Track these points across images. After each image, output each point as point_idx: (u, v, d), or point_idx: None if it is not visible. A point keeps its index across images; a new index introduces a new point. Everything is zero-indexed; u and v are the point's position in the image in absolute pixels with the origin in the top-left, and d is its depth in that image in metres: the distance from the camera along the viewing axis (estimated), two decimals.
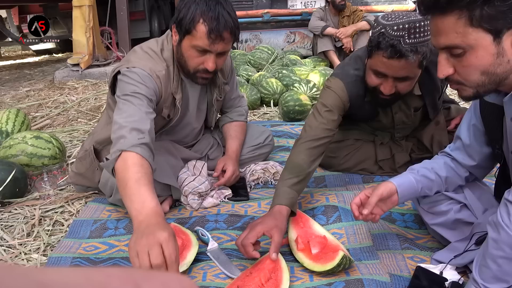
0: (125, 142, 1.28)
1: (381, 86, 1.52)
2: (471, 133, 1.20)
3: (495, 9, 0.83)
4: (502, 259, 0.96)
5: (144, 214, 1.10)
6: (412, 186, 1.21)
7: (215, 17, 1.38)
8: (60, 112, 3.30)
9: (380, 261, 1.28)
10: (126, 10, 5.00)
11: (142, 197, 1.14)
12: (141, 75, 1.45)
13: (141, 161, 1.25)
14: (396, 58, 1.38)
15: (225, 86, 1.80)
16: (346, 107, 1.65)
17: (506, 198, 0.95)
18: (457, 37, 0.88)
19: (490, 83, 0.92)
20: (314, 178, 1.92)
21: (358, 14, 4.42)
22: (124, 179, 1.21)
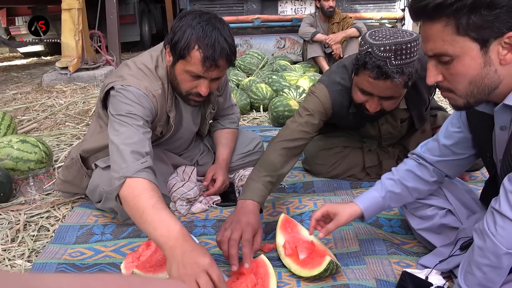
0: (128, 168, 1.25)
1: (366, 104, 1.54)
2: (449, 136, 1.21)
3: (482, 18, 0.84)
4: (487, 267, 0.97)
5: (173, 239, 1.08)
6: (378, 205, 1.25)
7: (211, 44, 1.33)
8: (48, 115, 3.26)
9: (367, 266, 1.29)
10: (116, 13, 4.97)
11: (165, 222, 1.11)
12: (137, 94, 1.40)
13: (150, 186, 1.23)
14: (382, 79, 1.40)
15: (219, 98, 1.78)
16: (328, 114, 1.66)
17: (492, 207, 0.97)
18: (444, 45, 0.90)
19: (479, 93, 0.93)
20: (302, 183, 1.93)
21: (348, 21, 4.47)
22: (138, 207, 1.18)
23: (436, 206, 1.32)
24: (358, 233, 1.46)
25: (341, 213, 1.22)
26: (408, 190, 1.27)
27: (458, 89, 0.94)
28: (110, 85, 1.45)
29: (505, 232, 0.93)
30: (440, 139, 1.22)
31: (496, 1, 0.81)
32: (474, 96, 0.94)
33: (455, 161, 1.23)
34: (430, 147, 1.25)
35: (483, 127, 1.08)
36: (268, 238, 1.49)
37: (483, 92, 0.93)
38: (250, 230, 1.26)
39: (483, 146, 1.13)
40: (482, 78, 0.90)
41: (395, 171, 1.30)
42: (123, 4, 7.11)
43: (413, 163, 1.29)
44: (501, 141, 1.02)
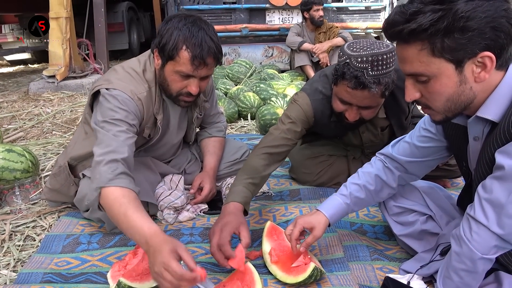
0: (100, 178, 1.29)
1: (346, 113, 1.59)
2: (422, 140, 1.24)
3: (455, 41, 0.88)
4: (464, 271, 1.01)
5: (144, 243, 1.13)
6: (343, 211, 1.31)
7: (198, 43, 1.38)
8: (34, 124, 3.24)
9: (351, 272, 1.32)
10: (104, 22, 4.98)
11: (137, 228, 1.16)
12: (122, 98, 1.43)
13: (121, 193, 1.26)
14: (360, 89, 1.45)
15: (205, 104, 1.81)
16: (310, 123, 1.71)
17: (468, 213, 1.01)
18: (421, 66, 0.93)
19: (456, 108, 0.98)
20: (289, 191, 1.96)
21: (334, 31, 4.56)
22: (114, 217, 1.24)
23: (417, 212, 1.36)
24: (343, 240, 1.49)
25: (317, 226, 1.26)
26: (371, 194, 1.32)
27: (436, 106, 0.98)
28: (96, 88, 1.48)
29: (480, 238, 0.96)
30: (414, 141, 1.26)
31: (468, 25, 0.85)
32: (451, 111, 0.99)
33: (424, 162, 1.27)
34: (401, 148, 1.29)
35: (459, 137, 1.13)
36: (254, 246, 1.51)
37: (459, 107, 0.97)
38: (227, 229, 1.29)
39: (459, 155, 1.18)
40: (459, 95, 0.95)
41: (361, 174, 1.34)
42: (112, 12, 7.11)
43: (380, 165, 1.33)
44: (475, 151, 1.06)
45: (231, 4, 5.31)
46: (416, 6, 0.89)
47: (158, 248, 1.08)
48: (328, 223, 1.29)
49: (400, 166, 1.30)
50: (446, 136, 1.20)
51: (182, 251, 1.07)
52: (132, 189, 1.29)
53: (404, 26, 0.90)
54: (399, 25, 0.91)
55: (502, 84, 0.94)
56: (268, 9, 5.34)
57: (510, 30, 0.88)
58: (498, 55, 0.89)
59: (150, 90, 1.53)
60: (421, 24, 0.87)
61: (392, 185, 1.32)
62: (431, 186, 1.41)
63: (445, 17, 0.86)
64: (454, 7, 0.85)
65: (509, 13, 0.87)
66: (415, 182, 1.40)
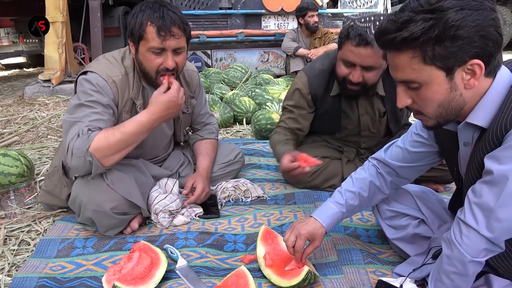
0: (81, 147, 1.41)
1: (349, 75, 1.67)
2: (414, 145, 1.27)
3: (446, 50, 0.90)
4: (455, 274, 1.03)
5: (146, 116, 1.49)
6: (338, 219, 1.33)
7: (160, 16, 1.47)
8: (30, 128, 3.24)
9: (344, 275, 1.33)
10: (100, 26, 4.99)
11: (136, 119, 1.49)
12: (96, 81, 1.52)
13: (103, 131, 1.44)
14: (363, 45, 1.55)
15: (192, 100, 1.86)
16: (308, 101, 1.88)
17: (458, 217, 1.03)
18: (412, 73, 0.95)
19: (447, 114, 1.00)
20: (284, 195, 1.98)
21: (329, 36, 4.60)
22: (114, 138, 1.44)
23: (410, 216, 1.38)
24: (336, 244, 1.51)
25: (319, 237, 1.29)
26: (364, 201, 1.35)
27: (428, 112, 1.01)
28: (78, 76, 1.58)
29: (470, 241, 0.98)
30: (406, 146, 1.28)
31: (458, 34, 0.87)
32: (443, 117, 1.01)
33: (416, 167, 1.29)
34: (393, 153, 1.31)
35: (449, 142, 1.15)
36: (249, 250, 1.52)
37: (451, 113, 1.00)
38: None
39: (450, 160, 1.20)
40: (449, 101, 0.97)
41: (355, 180, 1.35)
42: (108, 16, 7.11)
43: (373, 171, 1.35)
44: (465, 156, 1.08)
45: (227, 10, 5.35)
46: (408, 14, 0.91)
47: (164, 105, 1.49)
48: (326, 232, 1.31)
49: (392, 171, 1.32)
50: (438, 141, 1.22)
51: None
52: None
53: (396, 35, 0.92)
54: (391, 33, 0.93)
55: (490, 90, 0.96)
56: (263, 14, 5.39)
57: (498, 38, 0.90)
58: (486, 62, 0.91)
59: (127, 75, 1.61)
60: (413, 32, 0.89)
61: (385, 191, 1.35)
62: (424, 190, 1.43)
63: (436, 25, 0.88)
64: (445, 16, 0.87)
65: (496, 22, 0.89)
66: (408, 187, 1.42)
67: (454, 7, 0.86)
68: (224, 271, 1.37)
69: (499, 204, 0.93)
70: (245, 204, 1.91)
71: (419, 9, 0.90)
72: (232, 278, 1.26)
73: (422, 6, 0.89)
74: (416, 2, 0.90)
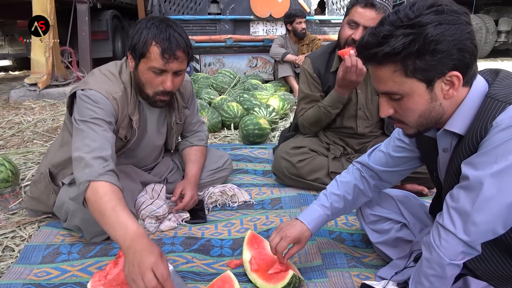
0: (91, 172, 1.32)
1: (353, 35, 1.87)
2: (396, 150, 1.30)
3: (426, 63, 0.93)
4: (434, 277, 1.06)
5: (129, 239, 1.16)
6: (323, 222, 1.35)
7: (166, 38, 1.45)
8: (15, 133, 3.20)
9: (329, 279, 1.35)
10: (87, 30, 4.98)
11: (123, 224, 1.20)
12: (97, 98, 1.47)
13: (111, 188, 1.30)
14: (369, 7, 1.80)
15: (185, 110, 1.85)
16: (315, 78, 2.08)
17: (437, 221, 1.06)
18: (394, 85, 0.99)
19: (428, 123, 1.04)
20: (270, 199, 2.00)
21: (317, 43, 4.66)
22: (100, 209, 1.26)
23: (392, 220, 1.41)
24: (321, 248, 1.53)
25: (303, 240, 1.31)
26: (349, 203, 1.37)
27: (409, 121, 1.04)
28: (73, 90, 1.53)
29: (448, 245, 1.01)
30: (389, 151, 1.31)
31: (437, 48, 0.91)
32: (423, 126, 1.05)
33: (398, 171, 1.33)
34: (377, 157, 1.34)
35: (429, 149, 1.19)
36: (235, 254, 1.53)
37: (431, 122, 1.03)
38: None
39: (430, 166, 1.23)
40: (430, 111, 1.01)
41: (340, 183, 1.38)
42: (96, 20, 7.09)
43: (357, 175, 1.38)
44: (444, 162, 1.12)
45: (216, 15, 5.38)
46: (388, 29, 0.94)
47: (150, 249, 1.13)
48: (311, 235, 1.33)
49: (375, 175, 1.35)
50: (418, 147, 1.26)
51: (164, 259, 1.13)
52: (120, 189, 1.33)
53: (378, 49, 0.95)
54: (372, 47, 0.96)
55: (467, 99, 1.00)
56: (252, 20, 5.43)
57: (474, 50, 0.94)
58: (464, 73, 0.95)
59: (126, 90, 1.58)
60: (395, 47, 0.92)
61: (368, 194, 1.38)
62: (406, 195, 1.46)
63: (416, 40, 0.91)
64: (424, 31, 0.90)
65: (472, 35, 0.93)
66: (391, 191, 1.46)
67: (432, 22, 0.90)
68: (210, 276, 1.38)
69: (475, 208, 0.96)
70: (232, 209, 1.92)
71: (398, 23, 0.93)
72: (218, 282, 1.27)
73: (401, 21, 0.92)
74: (395, 16, 0.94)
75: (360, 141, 2.14)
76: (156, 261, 1.10)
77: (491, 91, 0.99)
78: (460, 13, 0.92)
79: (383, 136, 2.14)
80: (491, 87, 1.00)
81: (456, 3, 0.95)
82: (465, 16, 0.93)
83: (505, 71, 1.04)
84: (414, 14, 0.91)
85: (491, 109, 0.96)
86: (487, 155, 0.94)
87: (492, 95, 0.97)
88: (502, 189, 0.93)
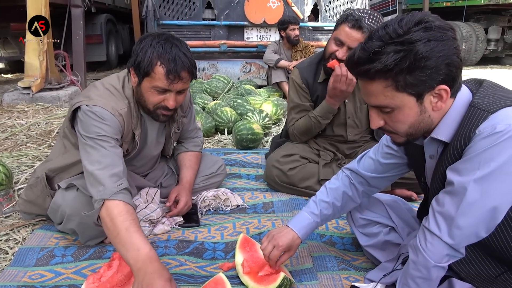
0: (105, 190, 1.34)
1: (337, 52, 1.92)
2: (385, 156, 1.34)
3: (416, 78, 0.98)
4: (420, 278, 1.10)
5: (140, 262, 1.19)
6: (313, 228, 1.39)
7: (172, 59, 1.43)
8: (8, 136, 3.20)
9: (319, 281, 1.39)
10: (82, 34, 4.98)
11: (135, 245, 1.23)
12: (103, 114, 1.46)
13: (125, 208, 1.32)
14: (356, 28, 1.84)
15: (183, 119, 1.87)
16: (304, 88, 2.12)
17: (423, 225, 1.10)
18: (385, 99, 1.03)
19: (417, 133, 1.08)
20: (263, 204, 2.03)
21: (310, 49, 4.72)
22: (114, 229, 1.28)
23: (381, 224, 1.45)
24: (312, 251, 1.56)
25: (294, 247, 1.35)
26: (337, 210, 1.41)
27: (399, 132, 1.08)
28: (77, 105, 1.51)
29: (434, 248, 1.05)
30: (378, 157, 1.35)
31: (427, 64, 0.95)
32: (412, 136, 1.09)
33: (386, 177, 1.37)
34: (366, 164, 1.38)
35: (417, 155, 1.23)
36: (227, 257, 1.56)
37: (420, 132, 1.08)
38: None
39: (418, 172, 1.28)
40: (419, 122, 1.05)
41: (329, 190, 1.42)
42: (90, 24, 7.10)
43: (346, 181, 1.41)
44: (430, 168, 1.16)
45: (210, 21, 5.42)
46: (378, 45, 0.97)
47: (160, 272, 1.16)
48: (301, 242, 1.37)
49: (364, 181, 1.39)
50: (406, 153, 1.30)
51: (174, 284, 1.17)
52: (134, 207, 1.36)
53: (371, 66, 0.98)
54: (364, 64, 0.99)
55: (452, 109, 1.05)
56: (246, 26, 5.48)
57: (460, 64, 0.99)
58: (451, 86, 1.00)
59: (130, 106, 1.57)
60: (386, 64, 0.96)
61: (356, 201, 1.41)
62: (394, 199, 1.51)
63: (407, 57, 0.95)
64: (414, 48, 0.94)
65: (458, 49, 0.98)
66: (380, 196, 1.50)
67: (422, 39, 0.94)
68: (203, 278, 1.41)
69: (459, 212, 1.00)
70: (224, 213, 1.95)
71: (387, 38, 0.96)
72: (211, 285, 1.30)
73: (390, 36, 0.96)
74: (383, 31, 0.97)
75: (350, 146, 2.19)
76: (165, 284, 1.13)
77: (475, 100, 1.03)
78: (447, 29, 0.96)
79: (373, 141, 2.18)
80: (475, 96, 1.04)
81: (442, 18, 0.99)
82: (451, 32, 0.97)
83: (488, 81, 1.09)
84: (402, 30, 0.95)
85: (474, 117, 1.00)
86: (471, 162, 0.98)
87: (475, 104, 1.02)
88: (484, 194, 0.97)
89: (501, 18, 9.54)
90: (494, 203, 0.97)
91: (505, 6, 9.11)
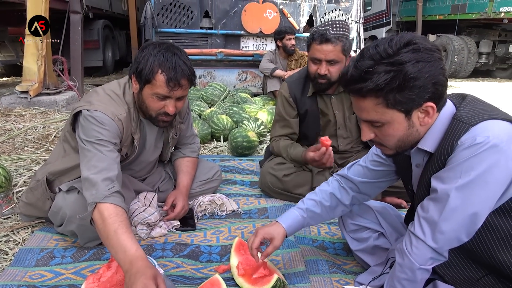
0: (97, 194, 1.40)
1: (318, 70, 2.02)
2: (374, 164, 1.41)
3: (405, 97, 1.05)
4: (405, 280, 1.16)
5: (128, 262, 1.23)
6: (299, 223, 1.43)
7: (172, 67, 1.51)
8: (5, 139, 3.23)
9: (311, 284, 1.44)
10: (80, 40, 5.04)
11: (122, 246, 1.27)
12: (103, 119, 1.52)
13: (115, 210, 1.37)
14: (325, 42, 1.95)
15: (181, 125, 1.94)
16: (291, 102, 2.20)
17: (409, 229, 1.17)
18: (376, 115, 1.10)
19: (405, 146, 1.16)
20: (257, 209, 2.08)
21: (305, 59, 4.81)
22: (104, 231, 1.34)
23: (371, 229, 1.52)
24: (305, 255, 1.62)
25: (276, 237, 1.38)
26: (326, 210, 1.47)
27: (389, 144, 1.16)
28: (78, 109, 1.57)
29: (419, 251, 1.12)
30: (367, 165, 1.42)
31: (416, 84, 1.03)
32: (401, 148, 1.16)
33: (376, 183, 1.44)
34: (356, 170, 1.45)
35: (404, 164, 1.30)
36: (223, 260, 1.61)
37: (408, 145, 1.16)
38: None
39: (405, 180, 1.35)
40: (408, 136, 1.13)
41: (318, 191, 1.48)
42: (87, 29, 7.16)
43: (336, 185, 1.48)
44: (417, 176, 1.24)
45: (207, 29, 5.51)
46: (369, 64, 1.04)
47: (143, 271, 1.19)
48: (286, 233, 1.41)
49: (354, 186, 1.45)
50: (394, 162, 1.37)
51: (160, 280, 1.19)
52: (124, 209, 1.40)
53: (363, 85, 1.05)
54: (357, 83, 1.07)
55: (437, 122, 1.12)
56: (243, 35, 5.57)
57: (445, 82, 1.07)
58: (437, 103, 1.07)
59: (129, 111, 1.64)
60: (378, 84, 1.03)
61: (345, 203, 1.47)
62: (384, 206, 1.57)
63: (397, 77, 1.02)
64: (404, 69, 1.02)
65: (444, 69, 1.06)
66: (370, 202, 1.56)
67: (411, 61, 1.01)
68: (199, 280, 1.46)
69: (442, 218, 1.07)
70: (220, 217, 2.00)
71: (378, 57, 1.03)
72: (207, 286, 1.35)
73: (381, 56, 1.03)
74: (374, 50, 1.05)
75: (342, 156, 2.26)
76: (147, 282, 1.14)
77: (458, 113, 1.11)
78: (433, 50, 1.04)
79: (364, 151, 2.25)
80: (458, 110, 1.12)
81: (429, 40, 1.07)
82: (438, 52, 1.05)
83: (471, 96, 1.17)
84: (392, 50, 1.02)
85: (456, 130, 1.08)
86: (453, 171, 1.05)
87: (458, 117, 1.09)
88: (465, 201, 1.04)
89: (492, 32, 9.78)
90: (474, 209, 1.04)
91: (495, 21, 9.34)
